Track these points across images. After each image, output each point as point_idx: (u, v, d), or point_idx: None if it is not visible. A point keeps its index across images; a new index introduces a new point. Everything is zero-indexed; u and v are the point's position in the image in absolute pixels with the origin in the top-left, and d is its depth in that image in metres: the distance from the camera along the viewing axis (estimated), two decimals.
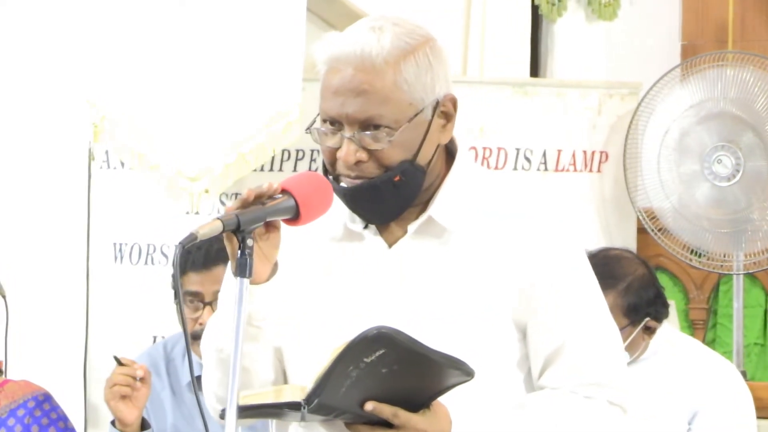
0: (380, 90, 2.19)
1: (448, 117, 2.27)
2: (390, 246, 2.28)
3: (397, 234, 2.28)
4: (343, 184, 2.23)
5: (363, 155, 2.21)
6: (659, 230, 4.87)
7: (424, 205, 2.28)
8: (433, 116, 2.24)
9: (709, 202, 4.83)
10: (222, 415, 2.11)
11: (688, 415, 3.47)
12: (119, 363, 3.28)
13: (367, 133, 2.20)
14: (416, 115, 2.22)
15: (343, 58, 2.20)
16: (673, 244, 4.89)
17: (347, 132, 2.20)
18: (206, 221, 2.06)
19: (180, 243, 2.02)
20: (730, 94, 4.82)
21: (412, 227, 2.27)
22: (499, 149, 4.63)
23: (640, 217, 4.84)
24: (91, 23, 4.10)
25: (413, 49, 2.21)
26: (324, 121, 2.23)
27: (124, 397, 3.25)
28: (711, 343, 5.39)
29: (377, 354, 2.05)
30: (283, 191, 2.14)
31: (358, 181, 2.22)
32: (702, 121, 4.83)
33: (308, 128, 2.27)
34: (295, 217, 2.14)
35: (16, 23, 4.50)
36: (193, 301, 3.37)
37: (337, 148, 2.22)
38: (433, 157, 2.26)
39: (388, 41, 2.20)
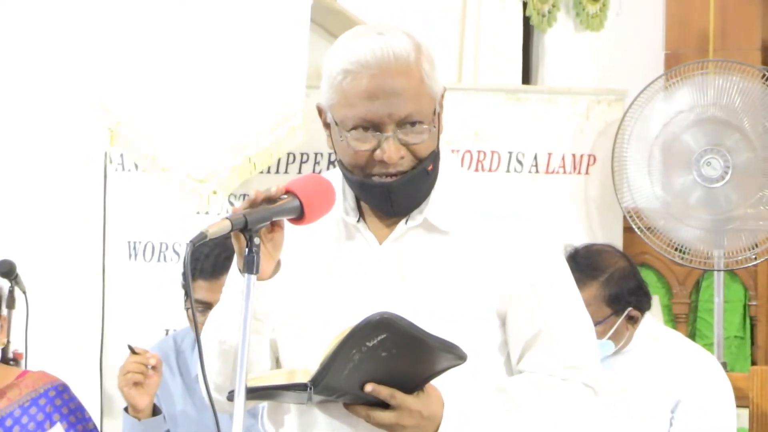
0: (413, 87, 2.20)
1: (442, 108, 2.30)
2: (381, 242, 2.29)
3: (386, 231, 2.30)
4: (381, 180, 2.23)
5: (403, 151, 2.21)
6: (647, 228, 4.86)
7: None
8: (441, 108, 2.28)
9: (698, 203, 4.83)
10: (230, 397, 2.11)
11: (671, 404, 3.48)
12: (132, 352, 3.27)
13: (409, 129, 2.21)
14: (435, 106, 2.25)
15: (372, 63, 2.19)
16: (659, 241, 4.88)
17: (388, 131, 2.20)
18: (215, 221, 2.06)
19: (191, 241, 2.02)
20: (713, 99, 4.80)
21: (402, 225, 2.28)
22: (492, 152, 4.62)
23: (627, 217, 4.83)
24: (105, 35, 4.10)
25: (420, 46, 2.23)
26: (354, 126, 2.22)
27: (136, 384, 3.24)
28: (692, 336, 5.39)
29: (378, 338, 2.07)
30: (288, 192, 2.14)
31: (396, 177, 2.23)
32: (690, 126, 4.81)
33: (341, 137, 2.24)
34: (299, 216, 2.15)
35: (38, 37, 4.51)
36: (199, 309, 3.32)
37: (373, 150, 2.21)
38: None
39: (406, 41, 2.22)
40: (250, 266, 2.07)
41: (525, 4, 6.05)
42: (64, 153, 4.51)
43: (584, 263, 3.46)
